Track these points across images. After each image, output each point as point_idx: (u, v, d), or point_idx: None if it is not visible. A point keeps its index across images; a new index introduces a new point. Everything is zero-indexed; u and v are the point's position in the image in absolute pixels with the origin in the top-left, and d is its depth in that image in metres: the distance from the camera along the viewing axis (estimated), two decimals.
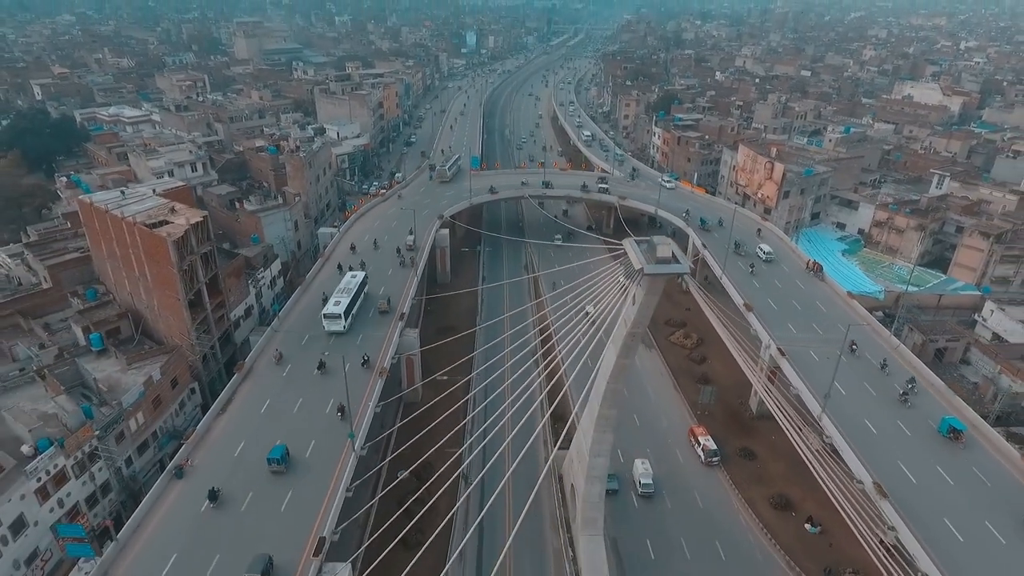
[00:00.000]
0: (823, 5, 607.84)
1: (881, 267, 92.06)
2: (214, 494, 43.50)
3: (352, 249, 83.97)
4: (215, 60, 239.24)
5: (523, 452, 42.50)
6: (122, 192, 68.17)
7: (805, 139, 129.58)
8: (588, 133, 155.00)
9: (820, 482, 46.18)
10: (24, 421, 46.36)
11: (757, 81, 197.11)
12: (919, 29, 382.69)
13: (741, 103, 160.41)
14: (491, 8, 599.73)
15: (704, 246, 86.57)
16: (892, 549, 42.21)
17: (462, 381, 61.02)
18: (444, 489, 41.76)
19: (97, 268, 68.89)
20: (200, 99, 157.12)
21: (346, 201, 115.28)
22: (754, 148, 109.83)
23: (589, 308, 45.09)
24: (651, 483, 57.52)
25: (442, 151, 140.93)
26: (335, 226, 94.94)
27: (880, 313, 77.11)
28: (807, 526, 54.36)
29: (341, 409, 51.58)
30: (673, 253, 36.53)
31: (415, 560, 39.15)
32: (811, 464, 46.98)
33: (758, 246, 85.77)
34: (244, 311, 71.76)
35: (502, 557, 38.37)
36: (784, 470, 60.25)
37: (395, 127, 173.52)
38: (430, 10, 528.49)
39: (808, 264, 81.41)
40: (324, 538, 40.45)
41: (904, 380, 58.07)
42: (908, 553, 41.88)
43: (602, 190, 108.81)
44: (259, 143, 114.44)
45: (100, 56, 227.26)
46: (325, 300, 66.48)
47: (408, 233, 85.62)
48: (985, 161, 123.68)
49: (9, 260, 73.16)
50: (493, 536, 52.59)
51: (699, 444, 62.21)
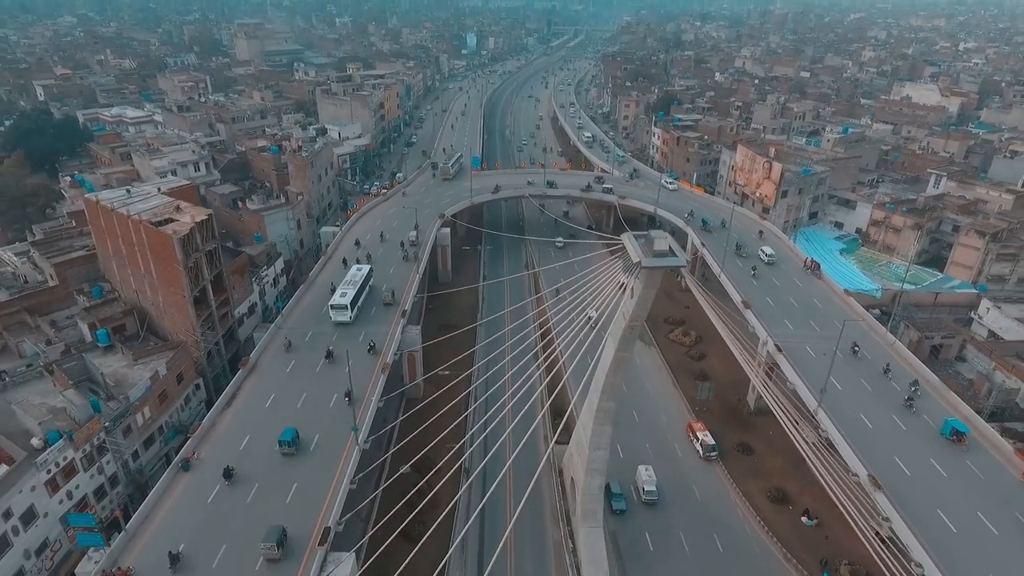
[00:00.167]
0: (823, 6, 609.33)
1: (878, 266, 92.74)
2: (228, 472, 45.39)
3: (356, 244, 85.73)
4: (216, 61, 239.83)
5: (522, 443, 42.96)
6: (128, 191, 68.98)
7: (803, 139, 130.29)
8: (589, 134, 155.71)
9: (817, 475, 46.86)
10: (34, 414, 47.15)
11: (756, 82, 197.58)
12: (918, 30, 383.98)
13: (740, 104, 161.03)
14: (491, 9, 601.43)
15: (703, 244, 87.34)
16: (888, 541, 42.98)
17: (463, 375, 61.78)
18: (446, 482, 42.54)
19: (103, 266, 69.63)
20: (202, 100, 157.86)
21: (348, 201, 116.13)
22: (753, 148, 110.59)
23: (591, 312, 45.30)
24: (655, 490, 56.38)
25: (443, 150, 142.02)
26: (337, 225, 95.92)
27: (877, 311, 77.76)
28: (803, 519, 55.16)
29: (348, 395, 52.92)
30: (670, 247, 37.33)
31: (417, 549, 39.81)
32: (808, 457, 47.72)
33: (760, 248, 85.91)
34: (248, 308, 72.67)
35: (502, 546, 39.11)
36: (781, 465, 61.09)
37: (396, 128, 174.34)
38: (430, 11, 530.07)
39: (805, 262, 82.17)
40: (329, 528, 41.28)
41: (907, 384, 57.84)
42: (902, 543, 42.64)
43: (606, 190, 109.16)
44: (261, 143, 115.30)
45: (102, 57, 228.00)
46: (333, 289, 68.94)
47: (412, 228, 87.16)
48: (983, 161, 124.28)
49: (15, 258, 73.87)
50: (494, 528, 53.35)
51: (697, 439, 63.00)
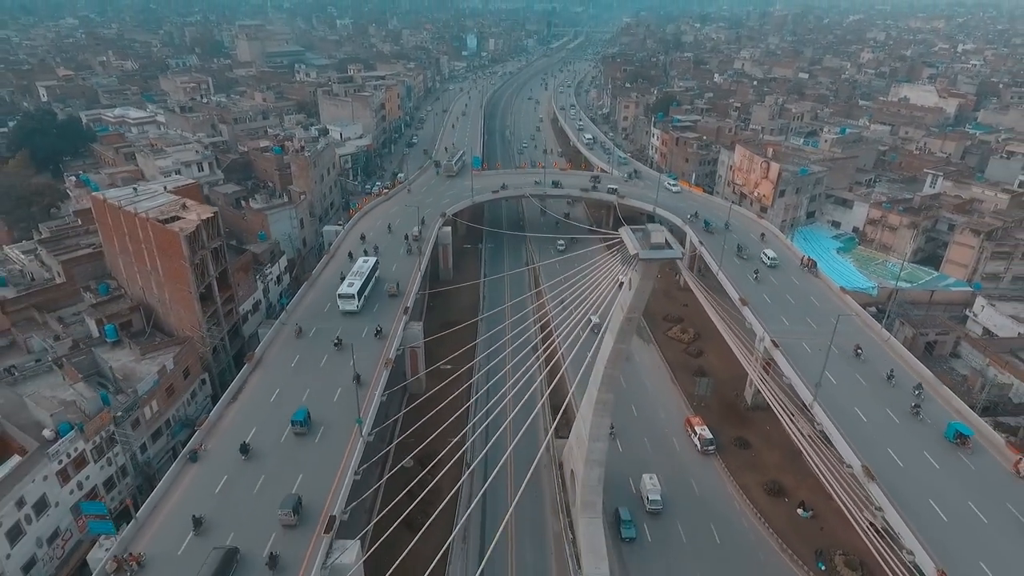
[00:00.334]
0: (822, 8, 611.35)
1: (875, 264, 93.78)
2: (245, 448, 47.78)
3: (362, 239, 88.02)
4: (218, 62, 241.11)
5: (521, 432, 43.78)
6: (135, 189, 70.11)
7: (801, 140, 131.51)
8: (589, 136, 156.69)
9: (812, 466, 47.80)
10: (46, 406, 48.20)
11: (755, 83, 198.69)
12: (917, 32, 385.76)
13: (739, 105, 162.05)
14: (491, 11, 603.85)
15: (701, 243, 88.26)
16: (882, 532, 43.92)
17: (464, 369, 63.11)
18: (447, 473, 43.47)
19: (109, 263, 70.67)
20: (204, 101, 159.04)
21: (349, 200, 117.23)
22: (751, 148, 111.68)
23: (593, 318, 46.09)
24: (659, 499, 55.69)
25: (445, 148, 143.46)
26: (339, 224, 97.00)
27: (873, 309, 78.84)
28: (799, 511, 56.13)
29: (357, 378, 55.07)
30: (667, 240, 38.33)
31: (419, 538, 40.72)
32: (804, 449, 48.61)
33: (763, 251, 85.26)
34: (252, 305, 73.67)
35: (503, 536, 39.96)
36: (777, 458, 62.08)
37: (397, 128, 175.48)
38: (431, 13, 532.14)
39: (802, 260, 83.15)
40: (334, 517, 42.26)
41: (911, 388, 57.48)
42: (894, 532, 43.57)
43: (610, 190, 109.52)
44: (263, 144, 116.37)
45: (104, 59, 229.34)
46: (342, 278, 71.18)
47: (417, 224, 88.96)
48: (979, 161, 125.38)
49: (23, 256, 74.84)
50: (495, 519, 54.18)
51: (695, 434, 63.97)
